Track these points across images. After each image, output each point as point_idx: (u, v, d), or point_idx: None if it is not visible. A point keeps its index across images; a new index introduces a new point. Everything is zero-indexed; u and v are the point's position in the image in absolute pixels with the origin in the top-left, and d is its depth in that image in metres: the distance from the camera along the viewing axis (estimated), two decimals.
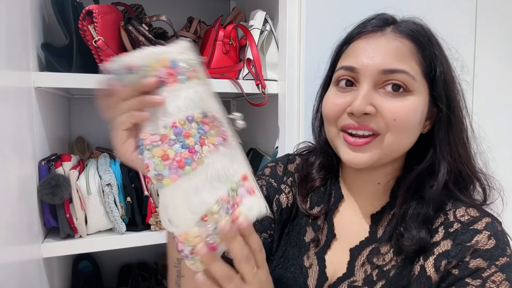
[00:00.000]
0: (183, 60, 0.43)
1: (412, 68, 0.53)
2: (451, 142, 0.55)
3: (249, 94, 1.06)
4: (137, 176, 0.99)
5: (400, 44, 0.54)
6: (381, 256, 0.55)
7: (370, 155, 0.53)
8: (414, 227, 0.53)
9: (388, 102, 0.52)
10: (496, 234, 0.51)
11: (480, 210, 0.55)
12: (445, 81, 0.55)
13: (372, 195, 0.60)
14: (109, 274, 1.40)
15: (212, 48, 1.07)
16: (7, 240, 0.65)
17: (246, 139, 1.48)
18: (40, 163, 0.88)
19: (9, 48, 0.70)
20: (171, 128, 0.42)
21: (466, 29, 1.22)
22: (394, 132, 0.52)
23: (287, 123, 1.04)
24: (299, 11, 1.02)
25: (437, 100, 0.55)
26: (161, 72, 0.43)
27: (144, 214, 0.98)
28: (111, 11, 0.96)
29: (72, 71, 0.91)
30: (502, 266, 0.49)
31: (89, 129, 1.36)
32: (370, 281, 0.55)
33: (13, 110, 0.72)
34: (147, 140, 0.43)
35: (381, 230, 0.57)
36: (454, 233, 0.52)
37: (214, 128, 0.44)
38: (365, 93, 0.52)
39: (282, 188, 0.67)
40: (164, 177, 0.42)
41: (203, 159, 0.42)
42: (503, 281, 0.49)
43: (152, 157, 0.42)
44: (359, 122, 0.53)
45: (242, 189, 0.43)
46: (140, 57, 0.43)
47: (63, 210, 0.89)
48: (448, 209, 0.55)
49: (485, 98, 1.26)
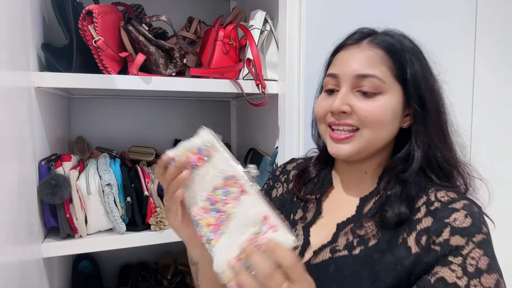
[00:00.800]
0: (204, 144, 0.57)
1: (382, 72, 0.62)
2: (427, 134, 0.64)
3: (249, 94, 1.06)
4: (137, 176, 0.99)
5: (372, 53, 0.64)
6: (364, 229, 0.63)
7: (351, 146, 0.63)
8: (396, 203, 0.61)
9: (360, 102, 0.62)
10: (472, 214, 0.57)
11: (460, 194, 0.62)
12: (417, 82, 0.63)
13: (359, 182, 0.69)
14: (109, 274, 1.40)
15: (212, 48, 1.07)
16: (7, 240, 0.65)
17: (246, 139, 1.48)
18: (40, 163, 0.88)
19: (9, 48, 0.70)
20: (207, 200, 0.56)
21: (466, 29, 1.22)
22: (369, 128, 0.62)
23: (287, 123, 1.04)
24: (299, 11, 1.02)
25: (410, 99, 0.64)
26: (192, 158, 0.57)
27: (144, 214, 0.98)
28: (111, 11, 0.96)
29: (72, 71, 0.91)
30: (479, 243, 0.55)
31: (89, 129, 1.36)
32: (350, 246, 0.63)
33: (13, 110, 0.72)
34: (197, 216, 0.57)
35: (367, 209, 0.65)
36: (434, 211, 0.59)
37: (234, 186, 0.55)
38: (342, 95, 0.63)
39: (276, 185, 0.81)
40: (212, 239, 0.55)
41: (230, 215, 0.54)
42: (482, 256, 0.55)
43: (202, 227, 0.56)
44: (338, 119, 0.64)
45: (265, 227, 0.52)
46: (178, 150, 0.58)
47: (63, 210, 0.89)
48: (430, 191, 0.62)
49: (485, 98, 1.26)
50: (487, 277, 0.54)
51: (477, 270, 0.54)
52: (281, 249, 0.48)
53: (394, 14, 1.12)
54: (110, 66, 0.93)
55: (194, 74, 1.03)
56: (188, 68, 1.06)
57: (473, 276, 0.54)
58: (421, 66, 0.64)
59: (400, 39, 0.66)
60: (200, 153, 0.57)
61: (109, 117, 1.39)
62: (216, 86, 1.03)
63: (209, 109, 1.54)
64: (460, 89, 1.23)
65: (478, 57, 1.24)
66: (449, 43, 1.19)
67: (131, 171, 1.01)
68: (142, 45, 0.98)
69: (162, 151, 1.35)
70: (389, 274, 0.58)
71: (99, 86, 0.92)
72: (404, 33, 0.68)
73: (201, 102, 1.52)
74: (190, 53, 1.06)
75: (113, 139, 1.38)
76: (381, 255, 0.60)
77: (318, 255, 0.65)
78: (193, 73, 1.03)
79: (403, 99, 0.64)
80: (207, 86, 1.02)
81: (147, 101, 1.45)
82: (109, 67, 0.93)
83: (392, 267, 0.58)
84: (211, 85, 1.03)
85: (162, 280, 1.33)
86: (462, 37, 1.21)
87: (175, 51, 1.00)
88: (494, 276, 0.54)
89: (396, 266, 0.58)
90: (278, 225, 0.51)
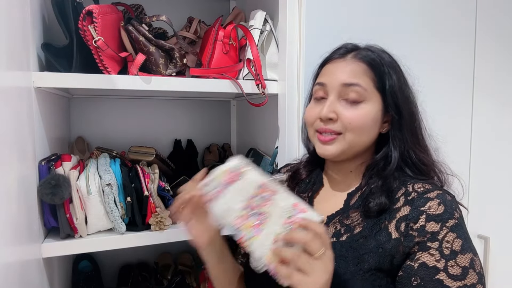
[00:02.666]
0: (235, 166, 0.68)
1: (364, 82, 0.71)
2: (403, 138, 0.72)
3: (249, 94, 1.06)
4: (137, 176, 0.99)
5: (356, 65, 0.72)
6: (350, 218, 0.72)
7: (335, 147, 0.72)
8: (377, 194, 0.69)
9: (345, 110, 0.71)
10: (445, 202, 0.64)
11: (434, 185, 0.69)
12: (394, 93, 0.72)
13: (346, 180, 0.78)
14: (109, 274, 1.40)
15: (212, 48, 1.07)
16: (7, 240, 0.65)
17: (246, 139, 1.48)
18: (40, 163, 0.88)
19: (9, 48, 0.70)
20: (244, 209, 0.65)
21: (466, 29, 1.22)
22: (352, 132, 0.71)
23: (287, 123, 1.04)
24: (299, 11, 1.02)
25: (388, 107, 0.72)
26: (226, 178, 0.68)
27: (144, 214, 0.98)
28: (111, 11, 0.96)
29: (72, 71, 0.91)
30: (452, 227, 0.63)
31: (89, 129, 1.36)
32: (338, 234, 0.71)
33: (13, 110, 0.72)
34: (237, 225, 0.65)
35: (353, 202, 0.74)
36: (411, 200, 0.66)
37: (266, 191, 0.65)
38: (330, 103, 0.72)
39: None
40: (253, 236, 0.62)
41: (267, 213, 0.63)
42: (455, 239, 0.62)
43: (243, 230, 0.64)
44: (325, 125, 0.72)
45: (295, 211, 0.61)
46: (215, 173, 0.69)
47: (63, 210, 0.89)
48: (408, 184, 0.69)
49: (485, 99, 1.26)
50: (462, 257, 0.61)
51: (452, 252, 0.61)
52: (313, 223, 0.57)
53: (394, 14, 1.12)
54: (110, 66, 0.93)
55: (194, 74, 1.03)
56: (188, 68, 1.06)
57: (450, 257, 0.61)
58: (398, 78, 0.73)
59: (380, 54, 0.74)
60: (233, 173, 0.68)
61: (109, 117, 1.39)
62: (216, 86, 1.03)
63: (209, 109, 1.54)
64: (460, 89, 1.23)
65: (478, 57, 1.24)
66: (449, 43, 1.19)
67: (131, 171, 1.01)
68: (142, 45, 0.98)
69: (162, 151, 1.35)
70: (372, 256, 0.66)
71: (99, 86, 0.92)
72: (384, 49, 0.76)
73: (201, 102, 1.52)
74: (190, 53, 1.06)
75: (113, 139, 1.38)
76: (365, 240, 0.68)
77: None
78: (193, 73, 1.03)
79: (382, 107, 0.72)
80: (207, 86, 1.02)
81: (147, 101, 1.45)
82: (109, 67, 0.93)
83: (374, 251, 0.66)
84: (211, 85, 1.03)
85: (162, 280, 1.33)
86: (462, 37, 1.21)
87: (175, 51, 1.00)
88: (468, 255, 0.62)
89: (378, 250, 0.66)
90: (306, 208, 0.61)
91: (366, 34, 0.83)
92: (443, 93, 1.20)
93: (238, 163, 0.69)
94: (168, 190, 1.04)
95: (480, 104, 1.25)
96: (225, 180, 0.68)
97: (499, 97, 1.29)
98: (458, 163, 0.79)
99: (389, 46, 0.78)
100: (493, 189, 1.30)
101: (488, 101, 1.27)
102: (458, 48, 1.21)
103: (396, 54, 0.77)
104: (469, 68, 1.23)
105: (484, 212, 1.28)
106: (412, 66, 0.78)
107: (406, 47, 1.10)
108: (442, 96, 1.19)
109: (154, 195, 0.99)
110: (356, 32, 0.86)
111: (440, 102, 1.19)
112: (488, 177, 1.29)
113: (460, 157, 1.24)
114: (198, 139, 1.49)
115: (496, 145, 1.30)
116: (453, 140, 1.20)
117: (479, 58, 1.24)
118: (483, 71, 1.25)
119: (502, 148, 1.31)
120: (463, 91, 1.23)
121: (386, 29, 1.11)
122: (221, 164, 0.70)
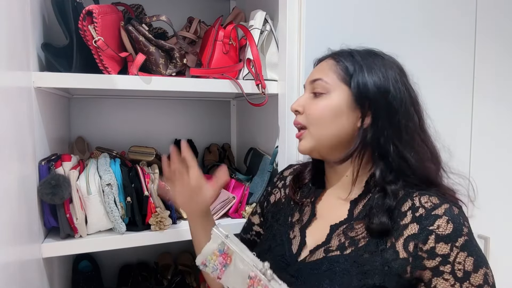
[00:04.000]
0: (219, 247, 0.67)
1: (327, 76, 0.72)
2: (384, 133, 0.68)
3: (249, 94, 1.06)
4: (137, 176, 0.99)
5: (325, 63, 0.75)
6: (354, 230, 0.69)
7: (305, 142, 0.74)
8: (378, 214, 0.66)
9: (308, 103, 0.74)
10: (453, 218, 0.63)
11: (441, 198, 0.66)
12: (364, 85, 0.69)
13: (343, 185, 0.75)
14: (109, 274, 1.40)
15: (212, 48, 1.07)
16: (7, 240, 0.65)
17: (246, 139, 1.48)
18: (40, 163, 0.88)
19: (9, 48, 0.70)
20: None
21: (466, 29, 1.22)
22: (313, 125, 0.72)
23: (287, 123, 1.04)
24: (299, 11, 1.02)
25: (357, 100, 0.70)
26: (220, 260, 0.67)
27: (144, 214, 0.98)
28: (111, 11, 0.96)
29: (72, 71, 0.91)
30: (462, 246, 0.61)
31: (89, 129, 1.36)
32: (342, 247, 0.69)
33: (13, 110, 0.72)
34: None
35: (357, 212, 0.72)
36: (419, 217, 0.64)
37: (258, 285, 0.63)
38: (301, 98, 0.76)
39: (273, 192, 0.91)
40: None
41: None
42: (467, 258, 0.61)
43: None
44: (295, 119, 0.77)
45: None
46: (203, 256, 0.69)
47: (63, 210, 0.89)
48: (414, 196, 0.67)
49: (485, 99, 1.26)
50: (475, 276, 0.61)
51: (466, 273, 0.61)
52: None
53: (394, 14, 1.12)
54: (110, 66, 0.93)
55: (194, 74, 1.03)
56: (188, 68, 1.06)
57: (463, 279, 0.61)
58: (375, 73, 0.70)
59: (357, 50, 0.75)
60: (223, 253, 0.68)
61: (109, 117, 1.39)
62: (216, 86, 1.03)
63: (209, 109, 1.54)
64: (460, 89, 1.23)
65: (478, 57, 1.24)
66: (449, 43, 1.19)
67: (131, 171, 1.01)
68: (142, 45, 0.98)
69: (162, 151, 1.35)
70: (377, 273, 0.64)
71: (99, 86, 0.92)
72: (371, 48, 0.75)
73: (201, 102, 1.52)
74: (190, 53, 1.06)
75: (113, 139, 1.38)
76: (370, 256, 0.65)
77: (313, 254, 0.71)
78: (193, 73, 1.03)
79: (350, 100, 0.70)
80: (207, 86, 1.02)
81: (147, 101, 1.45)
82: (109, 67, 0.93)
83: (380, 268, 0.64)
84: (211, 85, 1.03)
85: (162, 280, 1.33)
86: (462, 37, 1.21)
87: (175, 51, 1.00)
88: (481, 271, 0.61)
89: (384, 268, 0.64)
90: None
91: (366, 34, 0.83)
92: (443, 93, 1.20)
93: (219, 244, 0.68)
94: (168, 190, 1.04)
95: (480, 104, 1.25)
96: (220, 262, 0.68)
97: (499, 97, 1.29)
98: (458, 163, 0.79)
99: (389, 46, 0.78)
100: (493, 189, 1.30)
101: (488, 101, 1.27)
102: (458, 48, 1.21)
103: (396, 54, 0.76)
104: (469, 68, 1.23)
105: (484, 212, 1.28)
106: (412, 66, 0.77)
107: (406, 47, 1.10)
108: (442, 96, 1.19)
109: (154, 195, 0.99)
110: (356, 32, 0.86)
111: (440, 102, 1.19)
112: (488, 177, 1.29)
113: (460, 157, 1.24)
114: (198, 139, 1.49)
115: (496, 145, 1.30)
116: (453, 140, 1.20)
117: (479, 58, 1.24)
118: (483, 71, 1.25)
119: (502, 148, 1.31)
120: (463, 91, 1.23)
121: (386, 29, 1.11)
122: (221, 164, 0.69)
